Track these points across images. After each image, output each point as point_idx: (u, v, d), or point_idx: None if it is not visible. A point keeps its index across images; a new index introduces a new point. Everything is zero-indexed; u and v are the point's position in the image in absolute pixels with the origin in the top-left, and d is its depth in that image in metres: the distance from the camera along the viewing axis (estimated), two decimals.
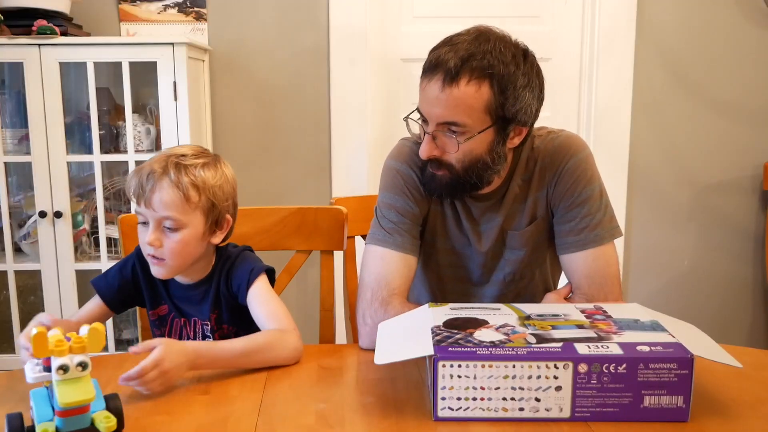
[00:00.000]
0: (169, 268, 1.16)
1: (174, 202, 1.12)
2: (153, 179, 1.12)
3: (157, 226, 1.13)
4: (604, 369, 0.88)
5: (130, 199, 1.18)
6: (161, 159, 1.15)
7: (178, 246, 1.13)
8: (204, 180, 1.15)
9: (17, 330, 2.14)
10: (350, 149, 2.40)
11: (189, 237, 1.14)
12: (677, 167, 2.51)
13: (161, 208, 1.12)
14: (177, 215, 1.12)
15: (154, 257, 1.15)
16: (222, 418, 0.92)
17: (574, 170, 1.23)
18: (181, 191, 1.12)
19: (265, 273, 1.20)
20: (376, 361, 0.93)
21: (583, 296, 1.21)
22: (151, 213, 1.12)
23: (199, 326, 1.23)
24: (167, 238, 1.13)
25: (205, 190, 1.15)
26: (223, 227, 1.20)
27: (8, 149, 2.12)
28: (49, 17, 2.02)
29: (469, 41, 1.13)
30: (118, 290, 1.23)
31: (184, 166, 1.14)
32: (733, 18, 2.42)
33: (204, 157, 1.18)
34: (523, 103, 1.14)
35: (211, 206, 1.16)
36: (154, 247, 1.13)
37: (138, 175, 1.14)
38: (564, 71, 2.47)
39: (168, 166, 1.13)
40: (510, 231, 1.28)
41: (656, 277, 2.58)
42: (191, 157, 1.16)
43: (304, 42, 2.36)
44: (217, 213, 1.18)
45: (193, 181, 1.13)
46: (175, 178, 1.12)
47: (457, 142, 1.15)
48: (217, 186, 1.17)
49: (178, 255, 1.14)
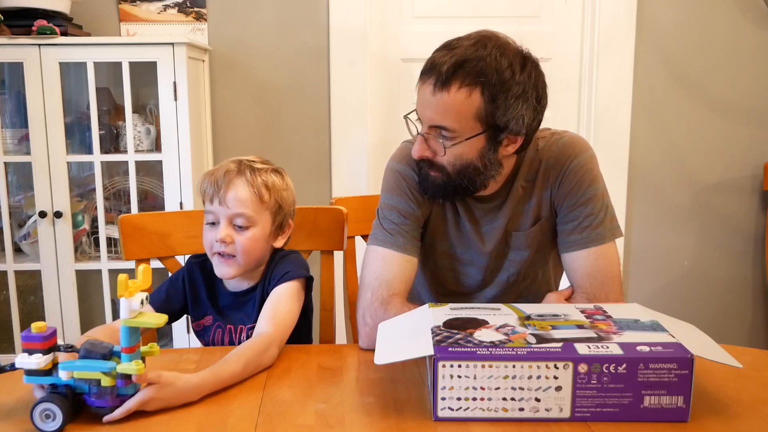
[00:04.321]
0: (237, 266, 1.21)
1: (249, 199, 1.19)
2: (229, 177, 1.19)
3: (229, 223, 1.19)
4: (604, 369, 0.88)
5: (203, 201, 1.23)
6: (234, 162, 1.23)
7: (249, 243, 1.20)
8: (274, 183, 1.23)
9: (17, 330, 2.14)
10: (350, 149, 2.40)
11: (259, 235, 1.21)
12: (677, 167, 2.51)
13: (236, 205, 1.19)
14: (250, 212, 1.19)
15: (222, 255, 1.20)
16: (222, 418, 0.92)
17: (578, 170, 1.23)
18: (255, 189, 1.20)
19: (301, 280, 1.24)
20: (376, 361, 0.93)
21: (584, 295, 1.21)
22: (224, 210, 1.19)
23: (245, 332, 1.26)
24: (238, 235, 1.20)
25: (274, 192, 1.23)
26: (285, 231, 1.28)
27: (8, 149, 2.12)
28: (49, 17, 2.02)
29: (467, 46, 1.12)
30: (165, 300, 1.28)
31: (257, 169, 1.22)
32: (733, 18, 2.42)
33: (270, 165, 1.27)
34: (515, 113, 1.13)
35: (279, 208, 1.24)
36: (226, 243, 1.19)
37: (212, 176, 1.21)
38: (564, 71, 2.47)
39: (242, 167, 1.21)
40: (514, 232, 1.28)
41: (656, 277, 2.58)
42: (260, 162, 1.25)
43: (304, 42, 2.36)
44: (283, 216, 1.26)
45: (265, 182, 1.22)
46: (250, 178, 1.20)
47: (444, 146, 1.15)
48: (284, 190, 1.25)
49: (247, 252, 1.20)
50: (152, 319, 0.91)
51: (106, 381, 0.89)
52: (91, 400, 0.90)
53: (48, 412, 0.88)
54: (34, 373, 0.90)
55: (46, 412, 0.88)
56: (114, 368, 0.89)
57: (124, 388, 0.90)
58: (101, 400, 0.90)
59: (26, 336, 0.89)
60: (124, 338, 0.90)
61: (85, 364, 0.89)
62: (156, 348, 0.95)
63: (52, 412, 0.88)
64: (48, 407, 0.88)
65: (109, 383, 0.89)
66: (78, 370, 0.89)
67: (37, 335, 0.89)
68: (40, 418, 0.88)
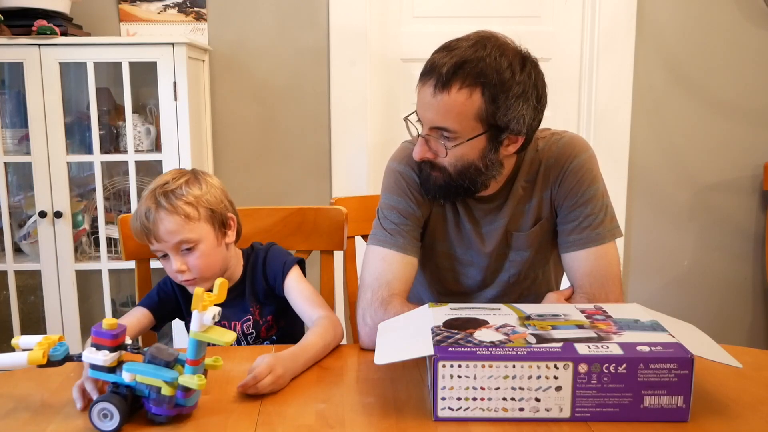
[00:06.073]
0: (205, 283, 1.23)
1: (179, 226, 1.20)
2: (151, 216, 1.19)
3: (176, 252, 1.21)
4: (604, 369, 0.88)
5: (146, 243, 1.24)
6: (149, 196, 1.22)
7: (202, 261, 1.22)
8: (194, 195, 1.22)
9: (17, 330, 2.14)
10: (350, 149, 2.40)
11: (207, 249, 1.23)
12: (677, 167, 2.51)
13: (171, 237, 1.20)
14: (188, 236, 1.20)
15: (187, 281, 1.23)
16: (222, 418, 0.92)
17: (578, 170, 1.23)
18: (180, 214, 1.20)
19: (297, 264, 1.30)
20: (376, 361, 0.93)
21: (584, 295, 1.21)
22: (165, 245, 1.21)
23: (239, 326, 1.29)
24: (190, 259, 1.21)
25: (199, 203, 1.22)
26: (231, 226, 1.28)
27: (8, 149, 2.12)
28: (49, 17, 2.02)
29: (467, 47, 1.12)
30: (158, 303, 1.31)
31: (171, 191, 1.21)
32: (733, 18, 2.42)
33: (184, 176, 1.25)
34: (515, 113, 1.13)
35: (211, 213, 1.24)
36: (183, 272, 1.21)
37: (137, 220, 1.21)
38: (564, 71, 2.47)
39: (157, 198, 1.20)
40: (515, 232, 1.29)
41: (656, 277, 2.58)
42: (173, 181, 1.23)
43: (304, 42, 2.36)
44: (219, 216, 1.26)
45: (186, 200, 1.21)
46: (169, 206, 1.19)
47: (445, 148, 1.15)
48: (207, 194, 1.24)
49: (205, 268, 1.23)
50: (221, 337, 0.90)
51: (166, 390, 0.89)
52: (149, 405, 0.90)
53: (106, 411, 0.89)
54: (98, 369, 0.91)
55: (103, 411, 0.89)
56: (176, 378, 0.89)
57: (183, 399, 0.90)
58: (159, 407, 0.90)
59: (97, 332, 0.90)
60: (191, 351, 0.90)
61: (149, 370, 0.89)
62: (220, 362, 0.95)
63: (110, 412, 0.89)
64: (106, 407, 0.89)
65: (169, 392, 0.89)
66: (141, 374, 0.89)
67: (107, 332, 0.90)
68: (98, 417, 0.89)
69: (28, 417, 0.93)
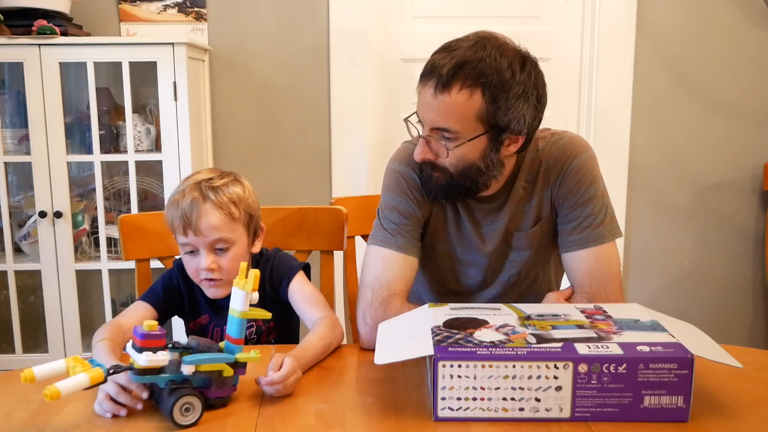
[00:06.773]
0: (227, 286, 1.19)
1: (223, 222, 1.17)
2: (196, 206, 1.16)
3: (210, 250, 1.18)
4: (604, 369, 0.88)
5: (172, 232, 1.21)
6: (194, 188, 1.19)
7: (233, 263, 1.19)
8: (239, 195, 1.21)
9: (17, 330, 2.14)
10: (350, 149, 2.40)
11: (240, 252, 1.21)
12: (677, 167, 2.51)
13: (211, 232, 1.17)
14: (227, 235, 1.18)
15: (212, 280, 1.20)
16: (222, 418, 0.92)
17: (578, 170, 1.23)
18: (225, 210, 1.18)
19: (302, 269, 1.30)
20: (376, 361, 0.93)
21: (584, 295, 1.21)
22: (201, 240, 1.17)
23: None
24: (221, 259, 1.19)
25: (242, 205, 1.21)
26: (260, 235, 1.28)
27: (8, 149, 2.12)
28: (49, 17, 2.02)
29: (466, 48, 1.12)
30: (163, 299, 1.27)
31: (218, 187, 1.19)
32: (733, 18, 2.42)
33: (226, 176, 1.24)
34: (516, 113, 1.13)
35: (249, 218, 1.23)
36: (212, 271, 1.18)
37: (177, 207, 1.17)
38: (564, 71, 2.47)
39: (204, 191, 1.18)
40: (515, 232, 1.29)
41: (656, 277, 2.58)
42: (217, 178, 1.22)
43: (304, 42, 2.36)
44: (254, 223, 1.26)
45: (231, 198, 1.20)
46: (216, 200, 1.17)
47: (446, 148, 1.15)
48: (248, 198, 1.24)
49: (233, 271, 1.18)
50: (261, 314, 0.96)
51: (228, 371, 0.93)
52: (212, 391, 0.92)
53: (188, 405, 0.89)
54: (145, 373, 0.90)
55: (186, 405, 0.89)
56: (233, 358, 0.93)
57: (236, 377, 0.95)
58: (221, 389, 0.93)
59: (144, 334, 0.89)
60: (235, 330, 0.94)
61: (209, 357, 0.91)
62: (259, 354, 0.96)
63: (192, 405, 0.90)
64: (189, 401, 0.89)
65: (230, 373, 0.93)
66: (204, 363, 0.91)
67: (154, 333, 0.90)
68: (180, 413, 0.89)
69: (28, 417, 0.93)
